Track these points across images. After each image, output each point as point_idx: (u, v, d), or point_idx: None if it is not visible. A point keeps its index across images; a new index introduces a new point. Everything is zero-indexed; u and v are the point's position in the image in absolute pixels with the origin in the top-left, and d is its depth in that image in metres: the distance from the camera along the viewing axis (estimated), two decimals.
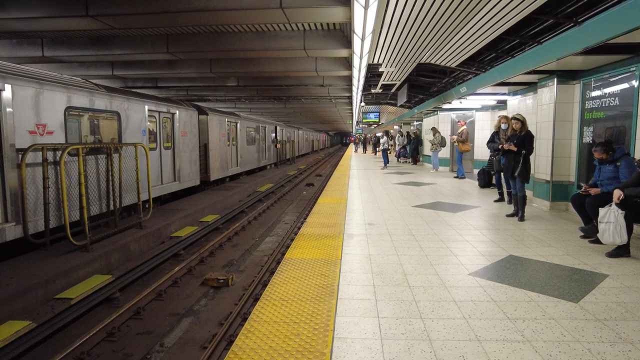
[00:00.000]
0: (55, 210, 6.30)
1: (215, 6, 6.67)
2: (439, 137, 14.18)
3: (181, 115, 10.98)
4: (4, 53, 9.60)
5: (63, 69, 11.91)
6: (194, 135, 11.80)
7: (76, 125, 7.24)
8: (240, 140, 17.08)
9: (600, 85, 6.38)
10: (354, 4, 5.13)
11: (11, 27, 7.67)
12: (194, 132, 11.88)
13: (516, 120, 6.54)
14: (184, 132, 11.14)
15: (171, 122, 10.69)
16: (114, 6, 6.79)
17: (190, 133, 11.53)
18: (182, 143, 11.07)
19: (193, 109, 11.89)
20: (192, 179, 11.70)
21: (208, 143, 13.31)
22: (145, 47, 9.48)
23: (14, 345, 4.03)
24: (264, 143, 21.96)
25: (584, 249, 4.89)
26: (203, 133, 13.10)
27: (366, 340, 2.78)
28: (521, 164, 6.38)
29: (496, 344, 2.70)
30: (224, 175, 15.02)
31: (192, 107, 12.02)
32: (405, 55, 9.00)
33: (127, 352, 4.28)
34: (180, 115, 10.89)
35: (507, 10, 6.04)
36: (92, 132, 7.80)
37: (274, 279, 3.95)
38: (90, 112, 7.52)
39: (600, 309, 3.22)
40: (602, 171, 5.10)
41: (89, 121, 7.66)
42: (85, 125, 7.53)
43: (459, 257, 4.59)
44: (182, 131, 11.01)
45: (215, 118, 14.01)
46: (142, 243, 7.42)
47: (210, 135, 13.49)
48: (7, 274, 5.24)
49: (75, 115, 7.19)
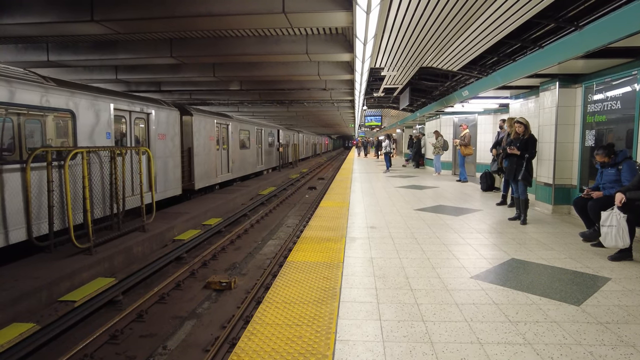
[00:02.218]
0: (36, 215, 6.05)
1: (219, 11, 6.72)
2: (441, 140, 14.18)
3: (158, 116, 9.81)
4: (10, 57, 9.69)
5: (68, 73, 12.01)
6: (175, 138, 10.62)
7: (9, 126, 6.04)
8: (232, 143, 15.87)
9: (602, 89, 6.39)
10: (356, 8, 5.17)
11: (17, 32, 7.74)
12: (175, 135, 10.70)
13: (519, 124, 6.55)
14: (162, 135, 9.95)
15: (146, 124, 9.48)
16: (119, 11, 6.86)
17: (170, 136, 10.36)
18: (159, 147, 9.91)
19: (173, 109, 10.72)
20: (173, 188, 10.37)
21: (192, 147, 12.15)
22: (149, 51, 9.55)
23: (18, 347, 4.05)
24: (259, 147, 20.73)
25: (586, 252, 4.89)
26: (187, 136, 11.95)
27: (368, 342, 2.79)
28: (524, 167, 6.39)
29: (498, 347, 2.71)
30: (213, 183, 13.78)
31: (174, 106, 10.91)
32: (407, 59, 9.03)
33: (130, 355, 4.30)
34: (157, 115, 9.73)
35: (508, 15, 6.06)
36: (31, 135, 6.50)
37: (277, 281, 3.97)
38: (35, 110, 6.40)
39: (602, 312, 3.22)
40: (604, 174, 5.10)
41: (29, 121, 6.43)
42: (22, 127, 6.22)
43: (461, 260, 4.60)
44: (159, 134, 9.83)
45: (201, 119, 12.83)
46: (145, 246, 7.45)
47: (195, 138, 12.30)
48: (11, 277, 5.27)
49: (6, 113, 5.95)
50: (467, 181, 12.39)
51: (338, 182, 13.48)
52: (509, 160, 6.68)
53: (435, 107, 13.72)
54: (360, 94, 13.64)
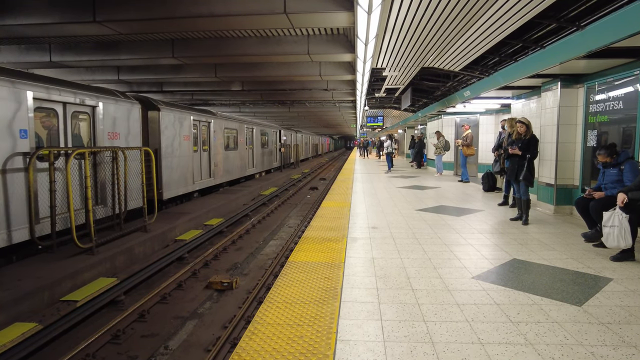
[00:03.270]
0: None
1: (220, 12, 6.74)
2: (443, 140, 14.17)
3: (108, 110, 7.88)
4: (13, 58, 9.74)
5: (70, 73, 12.05)
6: (134, 138, 8.68)
7: None
8: (215, 144, 13.87)
9: (604, 89, 6.38)
10: (357, 9, 5.17)
11: (20, 33, 7.78)
12: (135, 134, 8.74)
13: (521, 124, 6.53)
14: (113, 134, 8.03)
15: (90, 120, 7.53)
16: (121, 12, 6.88)
17: (127, 135, 8.44)
18: None
19: (132, 102, 8.77)
20: (132, 199, 8.17)
21: (160, 148, 10.08)
22: (151, 52, 9.58)
23: (21, 346, 4.07)
24: (250, 148, 18.52)
25: (588, 252, 4.88)
26: (153, 135, 10.04)
27: (369, 342, 2.79)
28: (525, 167, 6.38)
29: (499, 347, 2.71)
30: (189, 190, 11.75)
31: (134, 98, 9.06)
32: (408, 59, 9.03)
33: (131, 355, 4.31)
34: (106, 109, 7.79)
35: (510, 15, 6.06)
36: None
37: (278, 281, 3.97)
38: None
39: (604, 313, 3.21)
40: (606, 175, 5.09)
41: None
42: None
43: (462, 261, 4.59)
44: (109, 132, 7.92)
45: (172, 115, 10.72)
46: (146, 246, 7.47)
47: (163, 137, 10.24)
48: (14, 276, 5.29)
49: None
50: (469, 181, 12.37)
51: (339, 182, 13.48)
52: (511, 160, 6.67)
53: (437, 108, 13.71)
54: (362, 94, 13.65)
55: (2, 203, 5.68)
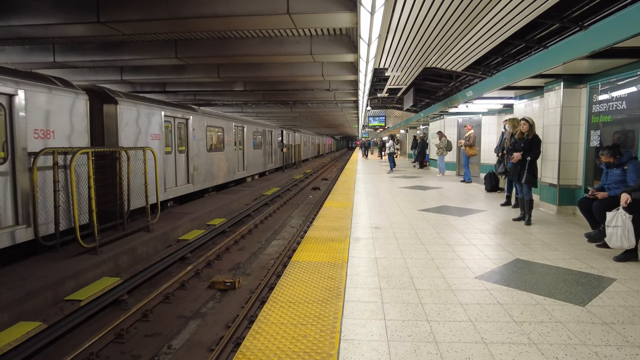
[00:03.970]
0: None
1: (223, 12, 6.75)
2: (445, 141, 14.16)
3: (35, 101, 6.21)
4: (17, 59, 9.77)
5: (74, 74, 12.09)
6: (79, 138, 7.06)
7: None
8: (194, 144, 11.87)
9: (607, 89, 6.36)
10: (360, 9, 5.18)
11: (24, 34, 7.81)
12: (78, 133, 7.03)
13: (525, 122, 6.51)
14: (46, 133, 6.41)
15: (6, 115, 5.82)
16: (125, 13, 6.90)
17: (68, 134, 6.83)
18: None
19: (75, 91, 7.04)
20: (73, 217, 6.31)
21: None
22: (154, 52, 9.60)
23: (25, 345, 4.09)
24: (240, 149, 16.45)
25: (591, 253, 4.87)
26: (110, 133, 8.30)
27: (373, 342, 2.80)
28: (527, 170, 6.35)
29: (502, 347, 2.71)
30: (162, 199, 9.63)
31: (81, 88, 7.36)
32: (411, 59, 9.04)
33: (135, 354, 4.33)
34: (31, 99, 6.13)
35: (512, 15, 6.05)
36: None
37: (281, 281, 3.98)
38: None
39: (608, 313, 3.21)
40: (609, 175, 5.08)
41: None
42: None
43: (465, 261, 4.59)
44: (38, 130, 6.24)
45: (134, 110, 8.86)
46: (149, 246, 7.49)
47: (123, 136, 8.43)
48: (18, 276, 5.32)
49: None
50: (472, 182, 12.36)
51: (342, 182, 13.48)
52: None
53: (439, 108, 13.70)
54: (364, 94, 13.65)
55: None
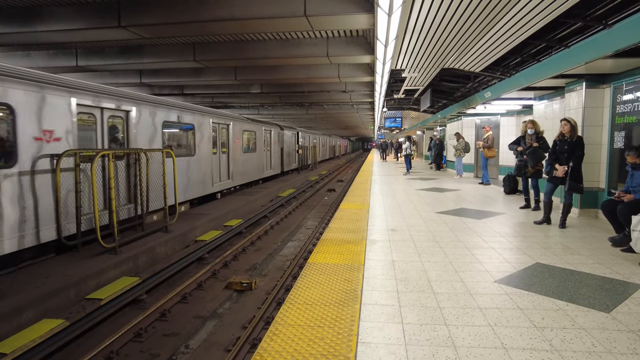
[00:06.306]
0: None
1: (241, 15, 6.83)
2: (463, 142, 13.98)
3: None
4: (42, 63, 10.08)
5: (95, 77, 12.40)
6: None
7: None
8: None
9: (632, 89, 6.18)
10: (377, 10, 5.17)
11: (49, 39, 8.06)
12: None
13: (565, 122, 6.12)
14: None
15: None
16: (145, 17, 7.06)
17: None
18: None
19: None
20: None
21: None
22: (173, 55, 9.78)
23: (49, 342, 4.20)
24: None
25: (615, 257, 4.73)
26: None
27: (390, 345, 2.78)
28: (569, 177, 6.00)
29: (523, 353, 2.65)
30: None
31: None
32: (428, 60, 8.96)
33: (153, 353, 4.39)
34: None
35: (533, 14, 5.95)
36: None
37: (298, 283, 3.99)
38: None
39: (634, 320, 3.11)
40: (635, 177, 4.93)
41: None
42: None
43: (484, 264, 4.52)
44: None
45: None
46: (167, 246, 7.60)
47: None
48: (42, 274, 5.47)
49: None
50: (490, 184, 12.17)
51: (357, 184, 13.44)
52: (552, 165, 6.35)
53: (456, 109, 13.55)
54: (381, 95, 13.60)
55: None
